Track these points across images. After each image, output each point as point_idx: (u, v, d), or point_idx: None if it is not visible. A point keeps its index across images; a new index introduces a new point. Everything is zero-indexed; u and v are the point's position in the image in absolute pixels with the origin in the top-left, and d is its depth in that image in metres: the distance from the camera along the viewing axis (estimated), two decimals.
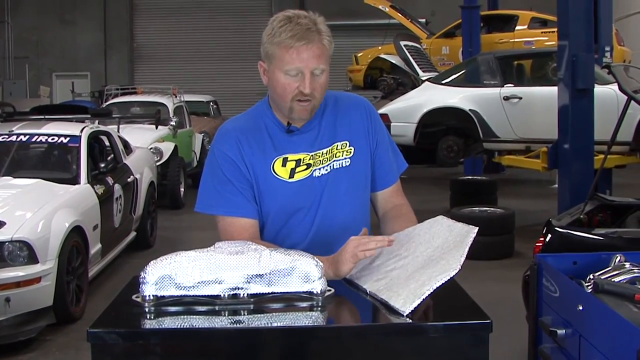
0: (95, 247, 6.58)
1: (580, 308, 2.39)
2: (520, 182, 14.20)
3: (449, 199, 11.08)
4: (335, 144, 2.43)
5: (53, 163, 7.38)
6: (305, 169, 2.38)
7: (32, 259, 5.44)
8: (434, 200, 11.99)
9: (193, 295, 1.98)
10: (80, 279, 6.12)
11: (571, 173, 7.13)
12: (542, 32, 14.71)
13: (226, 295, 1.98)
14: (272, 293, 2.00)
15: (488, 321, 1.88)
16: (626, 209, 5.04)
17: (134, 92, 15.79)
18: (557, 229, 4.45)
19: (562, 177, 7.39)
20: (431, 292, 1.90)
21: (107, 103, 13.94)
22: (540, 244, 4.46)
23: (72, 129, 7.50)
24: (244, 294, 1.98)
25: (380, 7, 16.37)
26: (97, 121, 9.01)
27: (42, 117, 8.91)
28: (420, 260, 2.08)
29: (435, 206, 11.47)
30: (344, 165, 2.41)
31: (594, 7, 7.34)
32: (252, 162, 2.38)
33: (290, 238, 2.40)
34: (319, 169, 2.39)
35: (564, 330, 2.52)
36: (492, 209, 8.84)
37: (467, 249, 1.98)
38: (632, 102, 5.10)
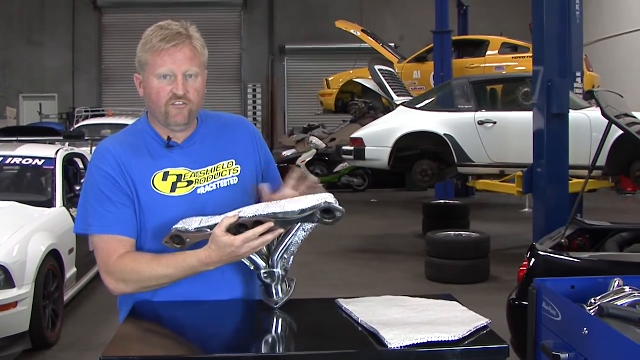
0: (71, 271, 6.48)
1: (586, 332, 2.39)
2: (490, 206, 14.33)
3: (421, 223, 11.10)
4: (222, 163, 2.42)
5: (28, 186, 7.25)
6: (187, 186, 2.35)
7: (9, 283, 5.34)
8: (406, 224, 12.00)
9: (215, 225, 2.14)
10: (56, 304, 6.01)
11: (546, 197, 7.16)
12: (512, 58, 14.92)
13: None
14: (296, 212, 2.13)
15: (505, 346, 1.88)
16: (605, 233, 5.07)
17: (104, 114, 15.68)
18: (541, 253, 4.46)
19: (538, 201, 7.42)
20: (424, 343, 1.86)
21: (77, 125, 13.83)
22: (525, 269, 4.47)
23: (47, 151, 7.40)
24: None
25: (352, 31, 16.50)
26: (67, 143, 8.91)
27: (15, 139, 8.78)
28: (422, 318, 2.07)
29: (408, 230, 11.50)
30: (231, 183, 2.40)
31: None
32: (132, 177, 2.33)
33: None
34: (204, 186, 2.37)
35: (567, 355, 2.52)
36: (467, 233, 8.84)
37: (473, 330, 1.97)
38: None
